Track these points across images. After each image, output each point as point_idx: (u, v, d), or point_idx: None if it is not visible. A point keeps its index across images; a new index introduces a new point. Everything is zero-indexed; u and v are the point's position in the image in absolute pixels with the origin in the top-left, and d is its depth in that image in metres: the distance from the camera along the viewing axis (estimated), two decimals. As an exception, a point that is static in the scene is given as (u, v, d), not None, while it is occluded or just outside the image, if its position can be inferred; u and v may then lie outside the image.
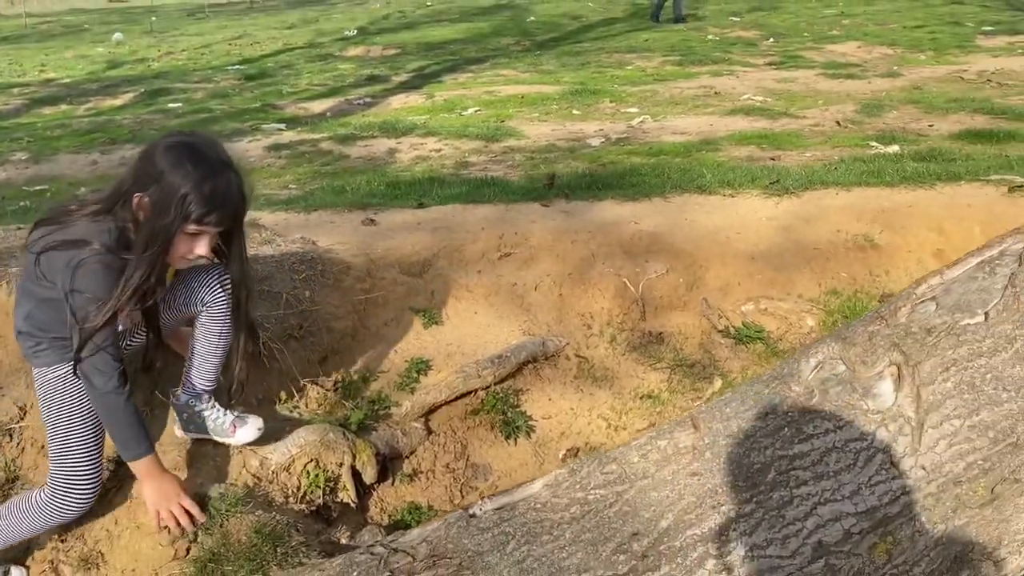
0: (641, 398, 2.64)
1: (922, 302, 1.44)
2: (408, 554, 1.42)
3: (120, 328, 1.84)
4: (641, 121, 6.69)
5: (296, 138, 6.72)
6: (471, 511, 1.49)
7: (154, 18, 19.25)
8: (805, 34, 11.95)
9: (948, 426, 1.31)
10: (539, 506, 1.44)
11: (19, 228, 3.22)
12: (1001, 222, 2.82)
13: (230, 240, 1.89)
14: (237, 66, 11.31)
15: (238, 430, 1.99)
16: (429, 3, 19.99)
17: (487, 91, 8.62)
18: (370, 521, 2.10)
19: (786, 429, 1.38)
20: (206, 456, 2.00)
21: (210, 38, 15.19)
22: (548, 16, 16.08)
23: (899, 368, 1.37)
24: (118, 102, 9.05)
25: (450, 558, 1.40)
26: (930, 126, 5.77)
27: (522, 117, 7.16)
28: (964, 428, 1.30)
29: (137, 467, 1.82)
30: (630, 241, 3.11)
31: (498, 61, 10.84)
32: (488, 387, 2.47)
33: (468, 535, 1.43)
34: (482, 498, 1.52)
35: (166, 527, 1.82)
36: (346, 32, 15.03)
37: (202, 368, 1.99)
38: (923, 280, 1.48)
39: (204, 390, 1.99)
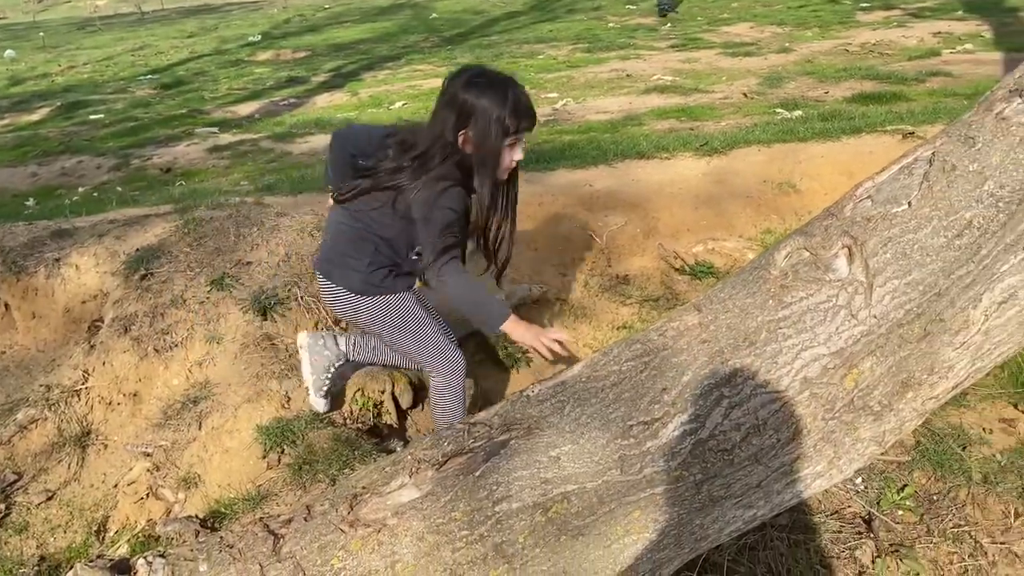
0: (618, 329, 3.04)
1: (861, 200, 1.87)
2: (486, 424, 1.77)
3: None
4: (564, 104, 7.12)
5: (234, 139, 6.88)
6: (526, 393, 1.85)
7: (42, 33, 18.62)
8: (699, 18, 12.67)
9: (890, 285, 1.74)
10: (583, 380, 1.81)
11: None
12: (900, 160, 3.35)
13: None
14: (149, 76, 11.25)
15: None
16: (327, 6, 20.02)
17: (409, 86, 8.92)
18: (410, 439, 2.43)
19: (771, 301, 1.79)
20: (273, 391, 2.29)
21: (110, 50, 14.92)
22: (450, 12, 16.41)
23: (850, 248, 1.80)
24: (35, 117, 8.95)
25: (520, 423, 1.76)
26: (826, 93, 6.40)
27: (450, 107, 7.49)
28: (902, 285, 1.74)
29: (507, 327, 2.13)
30: (590, 200, 3.52)
31: (412, 57, 11.13)
32: (489, 326, 2.83)
33: (531, 406, 1.79)
34: (532, 385, 1.88)
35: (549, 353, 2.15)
36: (250, 38, 15.01)
37: None
38: (860, 184, 1.92)
39: None
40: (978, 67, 6.82)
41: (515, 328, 2.16)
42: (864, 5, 11.97)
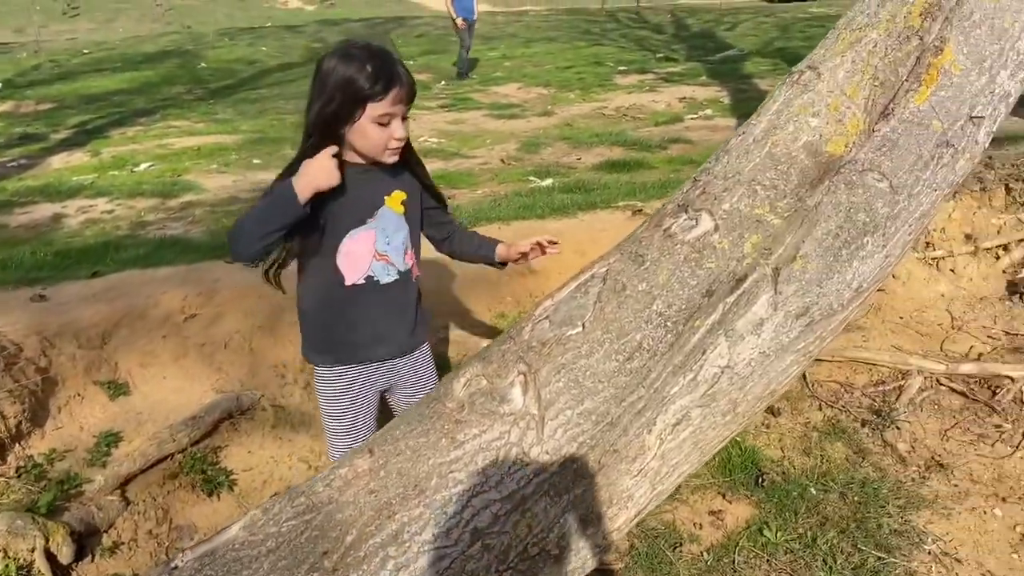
0: (339, 435, 2.82)
1: (539, 321, 1.79)
2: (111, 617, 1.49)
3: None
4: (324, 168, 6.88)
5: (-62, 210, 6.04)
6: (172, 564, 1.59)
7: None
8: (473, 76, 12.91)
9: (563, 416, 1.65)
10: (238, 546, 1.58)
11: None
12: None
13: None
14: None
15: None
16: (86, 51, 18.61)
17: (159, 144, 8.33)
18: (71, 603, 2.07)
19: (444, 440, 1.65)
20: None
21: None
22: (221, 62, 15.72)
23: (525, 376, 1.70)
24: None
25: (154, 612, 1.49)
26: (578, 159, 6.61)
27: (200, 170, 7.04)
28: (575, 416, 1.66)
29: (290, 188, 1.86)
30: (315, 289, 3.29)
31: (169, 112, 10.46)
32: (184, 449, 2.52)
33: (170, 587, 1.53)
34: (182, 551, 1.63)
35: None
36: (-12, 86, 13.56)
37: None
38: (540, 303, 1.85)
39: None
40: (714, 133, 7.33)
41: (295, 183, 1.87)
42: (623, 68, 12.71)
